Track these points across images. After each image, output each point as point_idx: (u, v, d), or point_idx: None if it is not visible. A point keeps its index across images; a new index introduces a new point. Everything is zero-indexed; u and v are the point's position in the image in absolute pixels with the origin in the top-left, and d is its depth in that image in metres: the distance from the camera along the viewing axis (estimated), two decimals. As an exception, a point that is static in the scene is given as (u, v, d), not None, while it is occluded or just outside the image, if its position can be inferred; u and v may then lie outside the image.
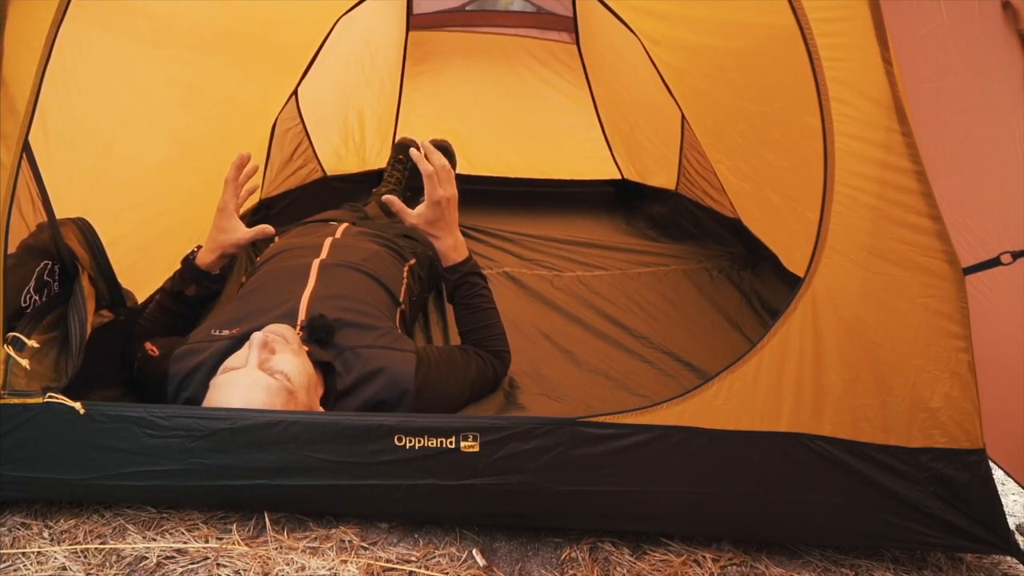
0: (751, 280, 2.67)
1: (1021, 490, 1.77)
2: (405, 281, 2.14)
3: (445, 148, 3.25)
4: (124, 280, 1.74)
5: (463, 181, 3.40)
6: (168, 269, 1.97)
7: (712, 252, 2.97)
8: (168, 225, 2.24)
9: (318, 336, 1.64)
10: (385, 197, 1.85)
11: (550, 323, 2.38)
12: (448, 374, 1.74)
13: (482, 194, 3.54)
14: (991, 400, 1.46)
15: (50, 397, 1.36)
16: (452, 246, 1.89)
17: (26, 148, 1.46)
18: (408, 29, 3.79)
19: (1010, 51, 1.35)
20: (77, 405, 1.36)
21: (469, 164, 3.66)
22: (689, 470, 1.42)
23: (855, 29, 1.36)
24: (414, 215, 1.84)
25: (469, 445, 1.37)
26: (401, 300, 2.05)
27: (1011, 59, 1.35)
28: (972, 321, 1.41)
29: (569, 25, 3.71)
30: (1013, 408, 1.53)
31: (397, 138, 3.74)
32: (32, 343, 1.44)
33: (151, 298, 2.01)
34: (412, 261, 2.26)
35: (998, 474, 1.49)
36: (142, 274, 2.00)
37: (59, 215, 1.59)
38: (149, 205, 2.17)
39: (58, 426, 1.38)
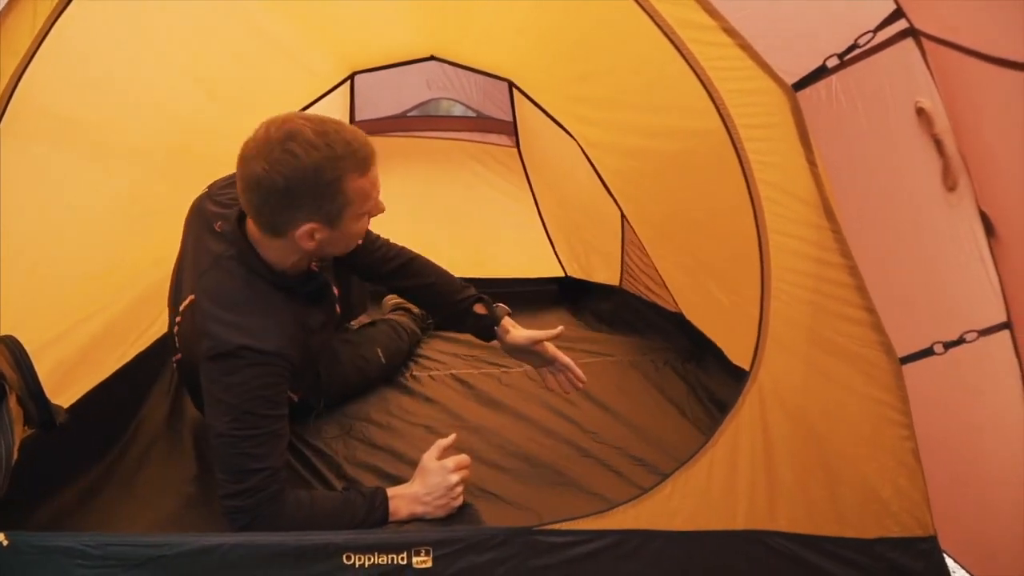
0: (696, 372, 2.69)
1: (972, 576, 1.77)
2: None
3: None
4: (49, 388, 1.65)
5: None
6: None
7: (657, 345, 3.00)
8: (97, 331, 2.17)
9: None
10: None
11: (500, 424, 2.35)
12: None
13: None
14: (932, 489, 1.48)
15: (-33, 529, 1.27)
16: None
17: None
18: (350, 136, 3.85)
19: (927, 153, 1.43)
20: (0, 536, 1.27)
21: (414, 265, 3.65)
22: None
23: (780, 135, 1.43)
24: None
25: (421, 560, 1.31)
26: None
27: (929, 160, 1.42)
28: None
29: (509, 129, 3.82)
30: (955, 496, 1.55)
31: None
32: (-50, 471, 1.35)
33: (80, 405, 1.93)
34: None
35: (948, 562, 1.50)
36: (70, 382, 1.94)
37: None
38: (80, 314, 2.10)
39: (-24, 560, 1.28)
